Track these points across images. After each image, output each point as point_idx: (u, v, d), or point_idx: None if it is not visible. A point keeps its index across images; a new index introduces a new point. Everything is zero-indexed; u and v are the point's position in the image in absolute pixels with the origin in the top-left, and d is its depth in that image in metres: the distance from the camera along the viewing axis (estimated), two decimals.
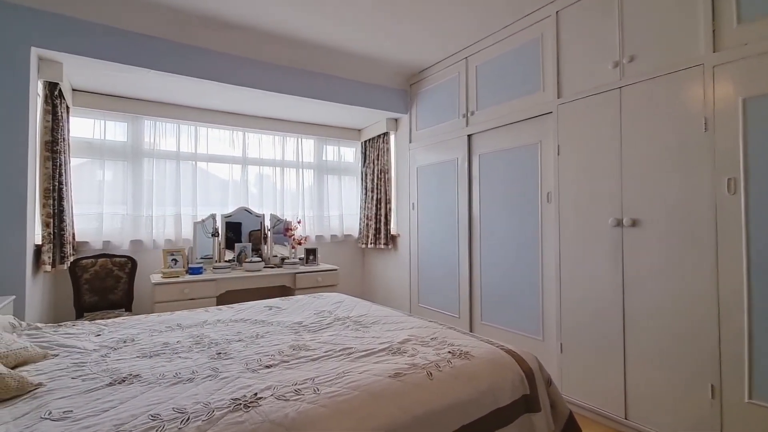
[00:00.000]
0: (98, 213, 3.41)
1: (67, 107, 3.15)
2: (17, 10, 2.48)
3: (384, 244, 4.25)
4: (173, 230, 3.69)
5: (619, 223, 2.20)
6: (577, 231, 2.43)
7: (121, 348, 1.54)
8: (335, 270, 3.84)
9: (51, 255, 2.73)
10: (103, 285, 3.19)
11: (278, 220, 3.97)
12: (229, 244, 3.75)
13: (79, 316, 3.06)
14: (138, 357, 1.42)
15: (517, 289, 2.86)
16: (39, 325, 1.80)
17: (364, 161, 4.60)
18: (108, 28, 2.75)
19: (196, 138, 3.87)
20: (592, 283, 2.34)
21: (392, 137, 4.32)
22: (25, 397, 1.06)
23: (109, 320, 1.98)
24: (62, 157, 2.84)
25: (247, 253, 3.76)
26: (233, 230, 3.78)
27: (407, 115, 4.04)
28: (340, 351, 1.46)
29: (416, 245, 3.89)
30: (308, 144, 4.52)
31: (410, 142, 4.01)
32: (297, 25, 2.96)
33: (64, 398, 1.05)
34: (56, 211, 2.78)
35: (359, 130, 4.76)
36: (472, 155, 3.27)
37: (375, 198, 4.35)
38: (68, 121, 3.19)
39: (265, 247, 3.89)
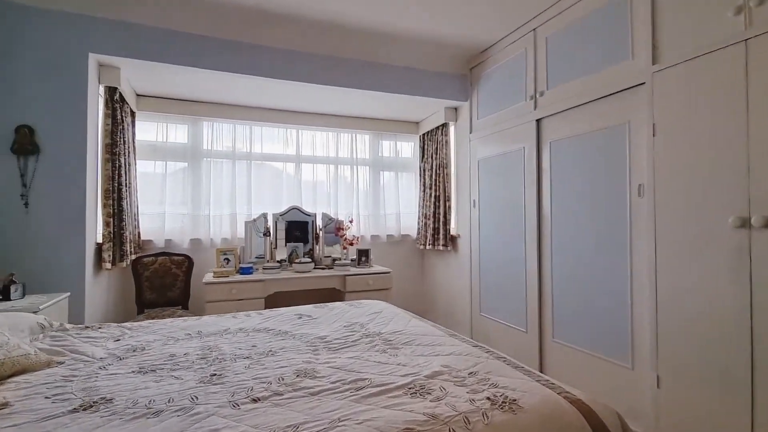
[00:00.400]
0: (161, 213, 3.54)
1: (132, 112, 3.30)
2: (75, 18, 2.58)
3: (443, 245, 3.89)
4: (229, 229, 3.72)
5: (744, 224, 1.62)
6: (680, 232, 1.87)
7: (127, 358, 1.43)
8: (387, 273, 3.58)
9: (111, 253, 2.84)
10: (162, 283, 3.28)
11: (330, 219, 3.81)
12: (282, 244, 3.68)
13: (140, 312, 3.18)
14: (133, 372, 1.29)
15: (598, 303, 2.34)
16: (67, 326, 1.79)
17: (423, 156, 4.27)
18: (160, 30, 2.77)
19: (250, 137, 3.87)
20: (703, 300, 1.78)
21: (452, 128, 3.93)
22: None
23: (136, 323, 1.92)
24: (122, 159, 2.94)
25: (298, 253, 3.67)
26: (285, 230, 3.70)
27: (467, 102, 3.63)
28: (350, 383, 1.18)
29: (477, 247, 3.47)
30: (363, 140, 4.32)
31: (470, 132, 3.59)
32: (350, 13, 2.75)
33: (15, 426, 0.92)
34: (116, 210, 2.89)
35: (417, 123, 4.44)
36: (542, 143, 2.78)
37: (433, 195, 4.00)
38: (133, 125, 3.34)
39: (317, 247, 3.76)
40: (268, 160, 3.94)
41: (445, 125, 3.92)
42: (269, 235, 3.57)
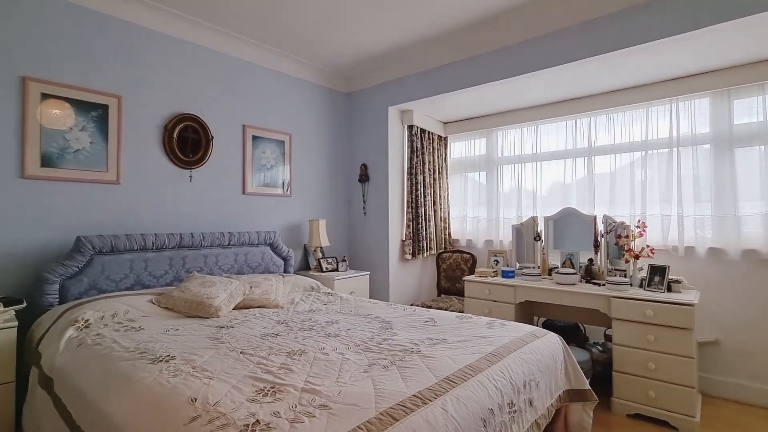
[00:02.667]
0: (463, 216, 4.22)
1: (441, 137, 4.22)
2: (378, 87, 3.81)
3: None
4: (509, 232, 3.81)
5: None
6: None
7: (306, 316, 2.25)
8: (687, 306, 2.39)
9: (411, 248, 3.85)
10: (453, 275, 3.96)
11: (612, 223, 3.00)
12: (557, 250, 3.32)
13: (438, 295, 4.01)
14: (283, 324, 2.08)
15: None
16: (329, 291, 2.87)
17: None
18: (423, 73, 3.51)
19: (536, 138, 3.75)
20: None
21: None
22: (215, 321, 2.05)
23: (352, 297, 2.73)
24: (419, 177, 3.89)
25: (573, 261, 3.18)
26: (560, 234, 3.32)
27: None
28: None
29: None
30: (692, 107, 2.98)
31: None
32: None
33: (246, 328, 1.95)
34: (413, 216, 3.87)
35: None
36: None
37: None
38: (445, 147, 4.26)
39: (597, 257, 3.08)
40: (555, 158, 3.65)
41: None
42: (539, 240, 3.35)
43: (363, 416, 1.04)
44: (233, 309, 2.30)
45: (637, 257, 2.78)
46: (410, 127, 3.89)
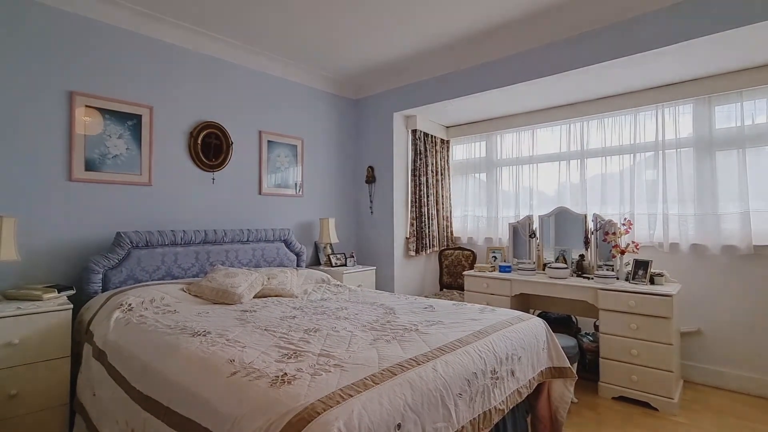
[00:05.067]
0: (465, 215, 4.46)
1: (443, 141, 4.47)
2: (385, 94, 4.07)
3: None
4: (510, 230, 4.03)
5: None
6: None
7: (318, 304, 2.51)
8: (666, 297, 2.61)
9: (415, 245, 4.10)
10: (455, 270, 4.20)
11: (601, 221, 3.22)
12: (552, 246, 3.55)
13: (440, 290, 4.26)
14: (298, 310, 2.34)
15: None
16: (338, 283, 3.13)
17: None
18: (426, 81, 3.76)
19: (533, 141, 3.98)
20: None
21: None
22: (238, 306, 2.33)
23: (359, 289, 2.99)
24: (423, 179, 4.14)
25: (566, 257, 3.41)
26: (555, 232, 3.55)
27: None
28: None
29: None
30: (676, 113, 3.19)
31: None
32: None
33: (266, 313, 2.22)
34: (417, 215, 4.12)
35: None
36: None
37: None
38: (447, 150, 4.51)
39: (587, 252, 3.30)
40: (550, 161, 3.87)
41: None
42: (534, 237, 3.58)
43: (368, 372, 1.30)
44: (253, 297, 2.57)
45: (623, 253, 3.00)
46: (414, 132, 4.14)
